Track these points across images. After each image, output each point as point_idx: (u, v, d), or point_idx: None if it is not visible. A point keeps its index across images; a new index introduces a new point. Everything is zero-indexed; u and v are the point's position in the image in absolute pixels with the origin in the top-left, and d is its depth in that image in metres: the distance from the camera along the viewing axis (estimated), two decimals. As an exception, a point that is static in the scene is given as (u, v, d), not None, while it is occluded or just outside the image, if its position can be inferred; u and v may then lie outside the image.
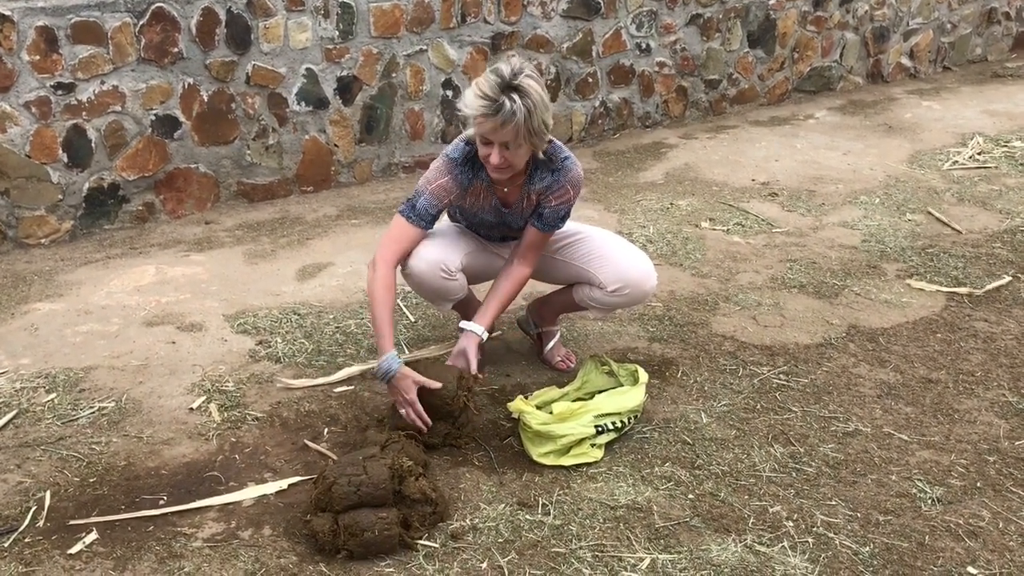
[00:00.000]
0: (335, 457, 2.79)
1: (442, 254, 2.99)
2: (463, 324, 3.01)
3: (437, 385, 2.80)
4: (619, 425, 2.85)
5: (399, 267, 2.98)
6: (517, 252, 3.06)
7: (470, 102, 2.71)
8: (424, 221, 2.93)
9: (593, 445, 2.81)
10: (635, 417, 2.92)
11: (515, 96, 2.66)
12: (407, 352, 3.41)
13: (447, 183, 2.90)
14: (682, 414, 3.04)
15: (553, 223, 3.00)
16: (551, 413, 2.82)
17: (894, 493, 2.67)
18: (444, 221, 3.21)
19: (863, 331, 3.58)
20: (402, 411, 2.82)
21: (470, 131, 2.85)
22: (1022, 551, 2.45)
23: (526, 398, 2.94)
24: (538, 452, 2.79)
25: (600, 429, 2.81)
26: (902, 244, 4.36)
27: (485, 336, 3.00)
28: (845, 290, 3.91)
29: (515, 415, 2.87)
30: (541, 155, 2.86)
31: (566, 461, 2.77)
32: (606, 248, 3.11)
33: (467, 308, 3.26)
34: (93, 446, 2.88)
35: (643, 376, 2.99)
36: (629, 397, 2.89)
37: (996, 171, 5.34)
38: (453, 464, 2.80)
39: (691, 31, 6.12)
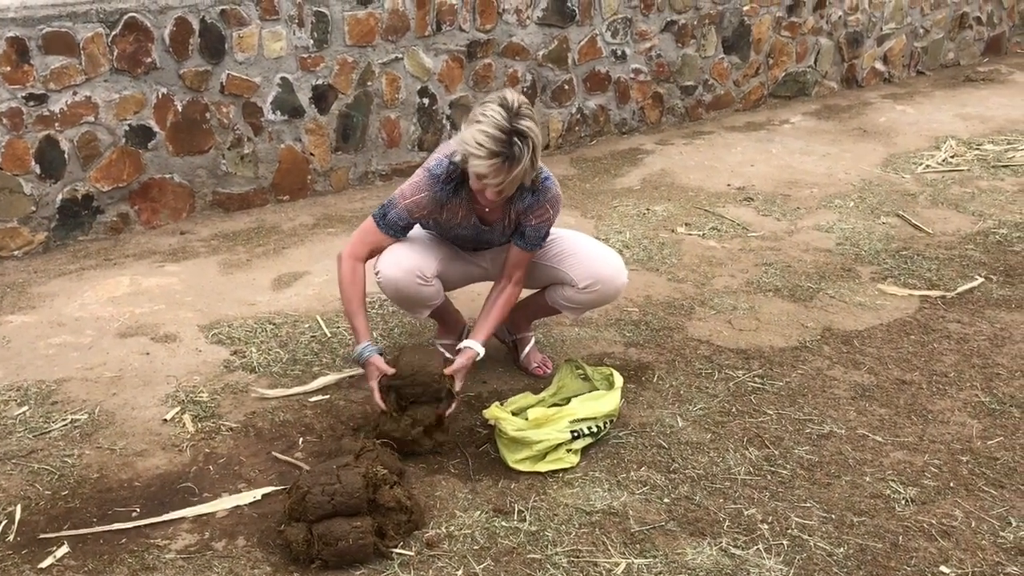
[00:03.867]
0: (308, 467, 2.77)
1: (417, 261, 2.99)
2: (466, 343, 3.00)
3: (390, 370, 2.83)
4: (595, 430, 2.86)
5: (375, 275, 2.98)
6: (504, 272, 3.07)
7: (474, 154, 2.66)
8: (392, 231, 2.97)
9: (569, 450, 2.81)
10: (611, 421, 2.92)
11: (518, 142, 2.65)
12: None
13: (422, 200, 2.90)
14: (658, 418, 3.04)
15: (535, 242, 3.02)
16: (526, 419, 2.82)
17: (868, 494, 2.68)
18: (418, 228, 3.21)
19: (837, 334, 3.60)
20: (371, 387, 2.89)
21: (456, 155, 2.81)
22: (994, 550, 2.47)
23: (501, 404, 2.93)
24: (514, 459, 2.79)
25: (576, 434, 2.81)
26: (876, 247, 4.40)
27: (482, 354, 3.01)
28: (820, 293, 3.93)
29: (491, 422, 2.86)
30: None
31: (542, 467, 2.77)
32: (576, 247, 3.13)
33: (444, 315, 3.26)
34: (65, 459, 2.86)
35: (618, 380, 2.99)
36: (605, 402, 2.89)
37: (969, 174, 5.39)
38: (428, 472, 2.79)
39: (666, 38, 6.15)
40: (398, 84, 5.17)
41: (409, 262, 2.98)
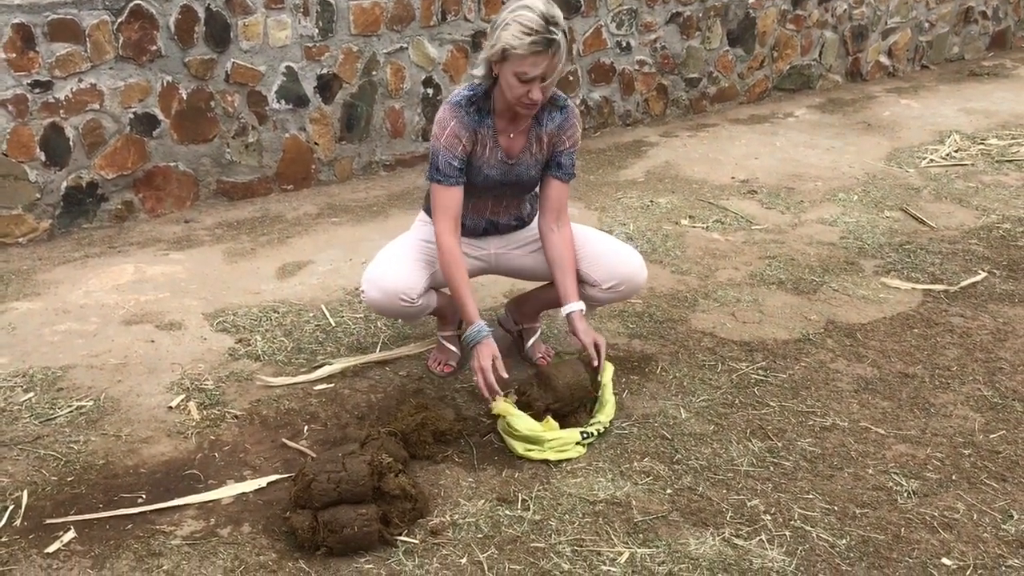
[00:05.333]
0: (314, 454, 2.79)
1: (402, 281, 2.93)
2: (568, 308, 2.97)
3: (504, 374, 2.82)
4: (602, 430, 2.88)
5: (359, 291, 2.98)
6: (548, 218, 3.01)
7: (520, 43, 2.64)
8: (452, 178, 2.85)
9: (578, 443, 2.83)
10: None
11: (556, 28, 2.66)
12: (392, 349, 3.41)
13: (455, 128, 2.83)
14: (661, 409, 3.05)
15: (571, 170, 3.02)
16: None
17: (870, 486, 2.69)
18: (412, 235, 3.14)
19: (841, 327, 3.61)
20: (475, 379, 2.82)
21: (477, 72, 2.81)
22: (996, 542, 2.48)
23: (507, 396, 2.93)
24: (524, 447, 2.79)
25: (585, 436, 2.83)
26: (880, 240, 4.40)
27: (584, 308, 3.00)
28: (823, 286, 3.94)
29: (495, 412, 2.86)
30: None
31: (551, 455, 2.78)
32: (595, 247, 3.10)
33: (443, 310, 3.23)
34: (71, 445, 2.87)
35: (607, 370, 2.98)
36: (607, 407, 2.91)
37: (973, 168, 5.39)
38: (433, 460, 2.80)
39: (671, 29, 6.14)
40: (403, 74, 5.17)
41: (393, 283, 2.92)
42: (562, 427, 2.84)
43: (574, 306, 2.98)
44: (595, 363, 2.94)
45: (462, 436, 2.89)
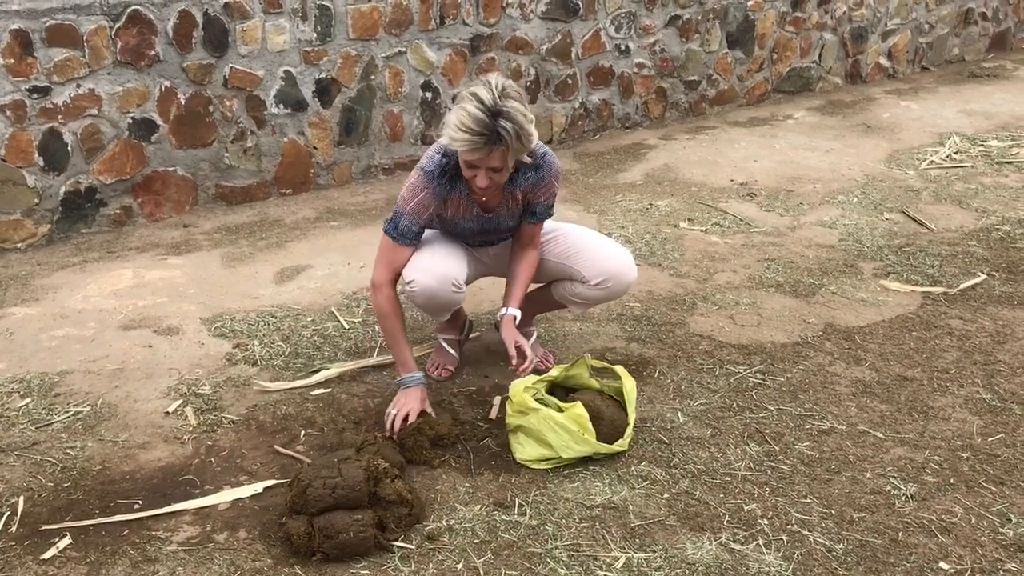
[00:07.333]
0: (309, 460, 2.78)
1: (450, 269, 2.95)
2: (504, 311, 2.98)
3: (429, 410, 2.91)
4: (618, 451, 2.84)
5: (405, 284, 2.94)
6: (520, 243, 3.07)
7: (455, 137, 2.63)
8: (408, 239, 2.91)
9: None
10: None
11: (500, 123, 2.60)
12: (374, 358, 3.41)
13: (425, 199, 2.87)
14: (659, 413, 3.05)
15: (545, 215, 3.04)
16: (559, 410, 2.80)
17: (868, 490, 2.69)
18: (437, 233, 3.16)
19: (839, 330, 3.60)
20: (390, 411, 2.88)
21: (444, 140, 2.74)
22: (993, 546, 2.47)
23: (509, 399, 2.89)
24: (522, 456, 2.77)
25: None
26: (879, 243, 4.39)
27: (518, 316, 2.99)
28: (822, 289, 3.93)
29: (512, 397, 2.82)
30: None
31: (547, 465, 2.77)
32: (585, 243, 3.12)
33: (455, 314, 3.25)
34: (68, 450, 2.87)
35: (628, 383, 2.91)
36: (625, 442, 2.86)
37: (972, 170, 5.38)
38: (429, 465, 2.79)
39: (670, 32, 6.14)
40: (401, 78, 5.17)
41: (443, 270, 2.93)
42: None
43: (510, 311, 2.99)
44: (514, 364, 2.90)
45: (459, 441, 2.89)
